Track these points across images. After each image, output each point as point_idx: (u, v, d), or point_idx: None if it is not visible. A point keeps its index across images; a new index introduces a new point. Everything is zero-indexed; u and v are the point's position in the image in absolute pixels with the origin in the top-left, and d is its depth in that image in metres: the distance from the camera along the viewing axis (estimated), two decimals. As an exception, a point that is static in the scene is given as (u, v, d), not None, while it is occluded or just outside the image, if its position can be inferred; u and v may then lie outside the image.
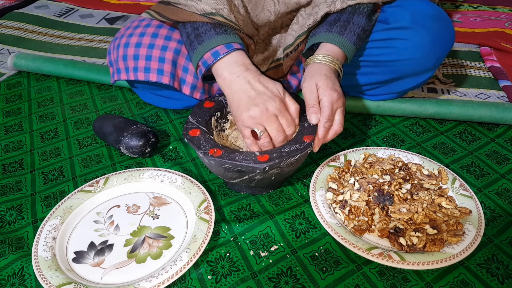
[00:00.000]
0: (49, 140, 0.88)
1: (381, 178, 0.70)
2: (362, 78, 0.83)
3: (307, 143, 0.63)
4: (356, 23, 0.71)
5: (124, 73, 0.79)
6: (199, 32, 0.67)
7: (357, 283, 0.57)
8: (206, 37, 0.66)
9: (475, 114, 0.84)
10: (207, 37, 0.66)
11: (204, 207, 0.66)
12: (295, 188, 0.73)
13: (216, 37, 0.66)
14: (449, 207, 0.65)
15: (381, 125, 0.88)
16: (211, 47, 0.66)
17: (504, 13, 1.35)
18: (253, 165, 0.59)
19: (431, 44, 0.74)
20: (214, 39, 0.66)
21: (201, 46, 0.67)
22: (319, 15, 0.72)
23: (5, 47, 1.27)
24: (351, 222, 0.64)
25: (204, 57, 0.67)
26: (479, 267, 0.59)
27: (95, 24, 1.42)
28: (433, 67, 0.77)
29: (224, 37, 0.66)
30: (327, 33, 0.70)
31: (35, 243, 0.62)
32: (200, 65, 0.68)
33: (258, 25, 0.78)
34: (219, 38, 0.66)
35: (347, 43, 0.69)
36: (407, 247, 0.60)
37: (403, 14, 0.74)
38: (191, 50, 0.68)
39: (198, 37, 0.67)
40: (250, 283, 0.58)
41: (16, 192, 0.75)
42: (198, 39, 0.67)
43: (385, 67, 0.78)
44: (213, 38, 0.66)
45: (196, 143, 0.64)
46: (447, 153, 0.80)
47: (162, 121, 0.91)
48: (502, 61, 1.08)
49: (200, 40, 0.67)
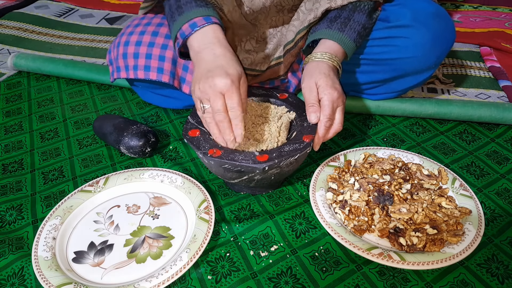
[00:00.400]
0: (49, 140, 0.88)
1: (381, 178, 0.70)
2: (363, 76, 0.83)
3: (307, 143, 0.63)
4: (356, 20, 0.70)
5: (124, 71, 0.79)
6: (180, 4, 0.68)
7: (357, 283, 0.57)
8: (186, 8, 0.67)
9: (475, 114, 0.84)
10: (187, 8, 0.67)
11: (204, 207, 0.66)
12: (295, 188, 0.73)
13: (196, 9, 0.67)
14: (449, 207, 0.65)
15: (381, 125, 0.88)
16: (190, 18, 0.66)
17: (504, 13, 1.35)
18: (253, 165, 0.59)
19: (432, 42, 0.74)
20: (194, 10, 0.66)
21: (181, 17, 0.67)
22: (319, 10, 0.72)
23: (5, 47, 1.27)
24: (351, 222, 0.64)
25: (182, 28, 0.67)
26: (479, 267, 0.59)
27: (95, 24, 1.42)
28: (433, 65, 0.77)
29: (204, 10, 0.67)
30: (327, 29, 0.70)
31: (35, 243, 0.62)
32: (178, 37, 0.68)
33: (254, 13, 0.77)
34: (198, 10, 0.67)
35: (347, 40, 0.69)
36: (407, 247, 0.60)
37: (404, 13, 0.74)
38: (171, 22, 0.69)
39: (179, 8, 0.68)
40: (250, 283, 0.58)
41: (16, 192, 0.75)
42: (178, 10, 0.68)
43: (386, 65, 0.78)
44: (192, 10, 0.67)
45: (196, 144, 0.64)
46: (447, 153, 0.80)
47: (162, 121, 0.91)
48: (502, 61, 1.08)
49: (181, 11, 0.68)
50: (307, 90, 0.66)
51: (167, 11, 0.72)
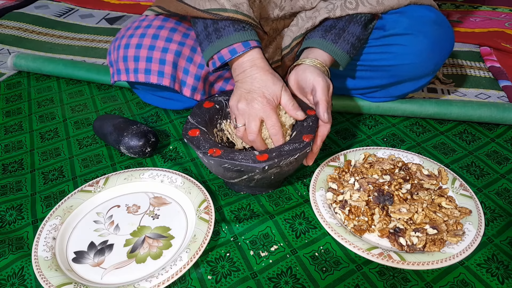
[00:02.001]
0: (49, 140, 0.88)
1: (381, 178, 0.70)
2: (361, 82, 0.84)
3: (307, 142, 0.63)
4: (351, 32, 0.71)
5: (124, 74, 0.79)
6: (218, 27, 0.67)
7: (357, 283, 0.57)
8: (225, 33, 0.67)
9: (475, 114, 0.84)
10: (226, 33, 0.67)
11: (204, 207, 0.66)
12: (295, 188, 0.73)
13: (235, 34, 0.66)
14: (449, 207, 0.65)
15: (381, 125, 0.88)
16: (229, 43, 0.66)
17: (504, 13, 1.35)
18: (253, 164, 0.59)
19: (430, 49, 0.74)
20: (233, 36, 0.66)
21: (219, 41, 0.67)
22: (318, 19, 0.73)
23: (5, 47, 1.27)
24: (351, 222, 0.64)
25: (221, 52, 0.67)
26: (479, 267, 0.59)
27: (95, 24, 1.42)
28: (431, 72, 0.78)
29: (242, 35, 0.66)
30: (321, 39, 0.71)
31: (35, 243, 0.62)
32: (215, 59, 0.68)
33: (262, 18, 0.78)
34: (237, 35, 0.66)
35: (340, 51, 0.70)
36: (407, 247, 0.60)
37: (401, 21, 0.74)
38: (206, 42, 0.69)
39: (216, 32, 0.67)
40: (250, 283, 0.58)
41: (16, 192, 0.75)
42: (216, 33, 0.67)
43: (384, 72, 0.79)
44: (231, 35, 0.66)
45: (196, 143, 0.64)
46: (447, 153, 0.80)
47: (162, 121, 0.91)
48: (502, 61, 1.08)
49: (219, 34, 0.67)
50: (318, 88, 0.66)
51: (199, 28, 0.70)
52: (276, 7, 0.76)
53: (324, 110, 0.65)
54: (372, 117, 0.91)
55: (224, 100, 0.74)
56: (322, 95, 0.65)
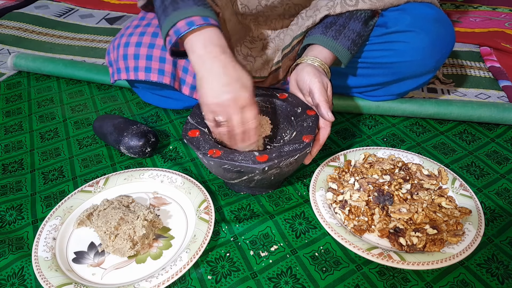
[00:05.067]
0: (49, 140, 0.88)
1: (381, 178, 0.70)
2: (362, 79, 0.83)
3: (306, 143, 0.63)
4: (351, 29, 0.71)
5: (124, 73, 0.79)
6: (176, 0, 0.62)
7: (357, 283, 0.57)
8: (183, 4, 0.61)
9: (475, 114, 0.84)
10: (184, 5, 0.61)
11: (204, 207, 0.66)
12: (295, 188, 0.73)
13: (194, 7, 0.60)
14: (449, 207, 0.65)
15: (381, 125, 0.88)
16: (187, 15, 0.60)
17: (504, 13, 1.35)
18: (252, 165, 0.59)
19: (431, 46, 0.74)
20: (192, 8, 0.60)
21: (176, 13, 0.60)
22: (318, 17, 0.73)
23: (5, 47, 1.27)
24: (351, 222, 0.64)
25: (177, 25, 0.60)
26: (479, 267, 0.59)
27: (95, 24, 1.42)
28: (433, 69, 0.78)
29: (202, 10, 0.61)
30: (322, 35, 0.71)
31: (35, 243, 0.62)
32: (171, 34, 0.61)
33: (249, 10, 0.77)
34: (197, 9, 0.60)
35: (341, 48, 0.70)
36: (407, 247, 0.60)
37: (403, 18, 0.74)
38: (163, 16, 0.63)
39: (174, 3, 0.61)
40: (250, 283, 0.58)
41: (16, 192, 0.75)
42: (173, 5, 0.61)
43: (385, 69, 0.79)
44: (190, 8, 0.60)
45: (196, 144, 0.64)
46: (447, 153, 0.80)
47: (162, 121, 0.91)
48: (502, 61, 1.08)
49: (176, 6, 0.61)
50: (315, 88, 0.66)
51: (158, 4, 0.65)
52: None
53: (327, 110, 0.65)
54: (372, 117, 0.91)
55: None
56: (320, 96, 0.65)
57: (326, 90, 0.67)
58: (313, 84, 0.66)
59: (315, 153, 0.68)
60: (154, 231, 0.64)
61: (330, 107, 0.66)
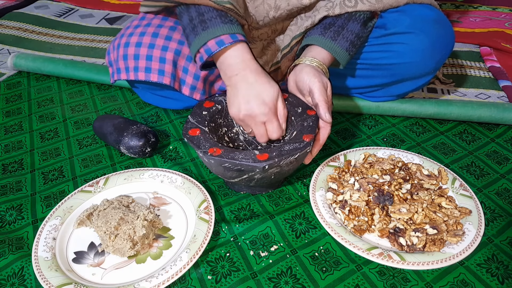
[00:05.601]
0: (49, 140, 0.88)
1: (381, 178, 0.70)
2: (361, 81, 0.84)
3: (307, 142, 0.63)
4: (350, 30, 0.71)
5: (124, 73, 0.79)
6: (204, 18, 0.65)
7: (357, 283, 0.57)
8: (212, 24, 0.64)
9: (475, 114, 0.84)
10: (212, 24, 0.64)
11: (204, 207, 0.66)
12: (295, 188, 0.73)
13: (222, 25, 0.64)
14: (449, 207, 0.65)
15: (381, 125, 0.88)
16: (216, 35, 0.64)
17: (504, 13, 1.35)
18: (253, 164, 0.59)
19: (431, 48, 0.74)
20: (220, 27, 0.64)
21: (205, 33, 0.64)
22: (317, 18, 0.73)
23: (5, 47, 1.27)
24: (351, 222, 0.64)
25: (208, 44, 0.64)
26: (479, 267, 0.59)
27: (95, 24, 1.42)
28: (433, 70, 0.78)
29: (230, 27, 0.64)
30: (320, 36, 0.71)
31: (35, 243, 0.62)
32: (202, 52, 0.66)
33: (256, 20, 0.77)
34: (225, 27, 0.64)
35: (339, 49, 0.70)
36: (407, 247, 0.60)
37: (402, 19, 0.74)
38: (192, 35, 0.66)
39: (202, 23, 0.65)
40: (250, 283, 0.58)
41: (16, 192, 0.75)
42: (202, 25, 0.65)
43: (385, 71, 0.79)
44: (218, 26, 0.64)
45: (196, 143, 0.64)
46: (447, 153, 0.80)
47: (162, 121, 0.91)
48: (502, 61, 1.08)
49: (205, 26, 0.65)
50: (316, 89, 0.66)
51: (184, 21, 0.69)
52: (271, 9, 0.75)
53: (326, 111, 0.65)
54: (372, 117, 0.91)
55: (225, 100, 0.74)
56: (320, 96, 0.65)
57: (326, 90, 0.67)
58: (313, 84, 0.66)
59: (315, 153, 0.68)
60: (154, 231, 0.64)
61: (329, 107, 0.66)
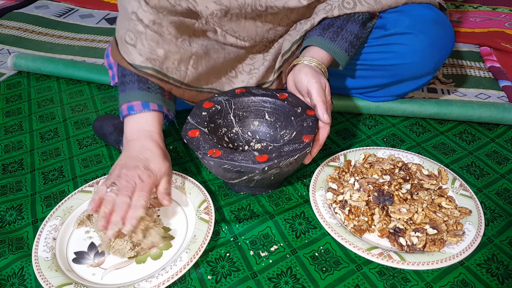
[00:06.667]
0: (49, 140, 0.88)
1: (381, 178, 0.70)
2: (361, 81, 0.84)
3: (306, 143, 0.63)
4: (349, 30, 0.71)
5: None
6: (124, 80, 0.67)
7: (357, 283, 0.57)
8: (128, 87, 0.66)
9: (475, 114, 0.84)
10: (129, 88, 0.66)
11: (204, 208, 0.66)
12: (295, 188, 0.73)
13: (137, 92, 0.66)
14: (449, 207, 0.65)
15: (381, 125, 0.88)
16: (129, 100, 0.66)
17: (504, 13, 1.35)
18: (252, 165, 0.59)
19: (431, 48, 0.74)
20: (134, 93, 0.66)
21: (123, 95, 0.67)
22: (316, 20, 0.73)
23: (5, 47, 1.27)
24: (351, 222, 0.64)
25: (122, 106, 0.67)
26: (479, 267, 0.59)
27: (95, 24, 1.42)
28: (432, 70, 0.78)
29: (143, 94, 0.66)
30: (319, 37, 0.71)
31: (35, 243, 0.62)
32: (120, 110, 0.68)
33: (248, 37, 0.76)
34: (138, 94, 0.66)
35: (338, 50, 0.70)
36: (407, 247, 0.60)
37: (402, 20, 0.74)
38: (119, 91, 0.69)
39: (122, 85, 0.68)
40: (250, 283, 0.58)
41: (16, 192, 0.75)
42: (122, 87, 0.68)
43: (385, 71, 0.79)
44: (133, 92, 0.66)
45: (195, 144, 0.64)
46: (447, 153, 0.80)
47: (162, 121, 0.91)
48: (502, 61, 1.08)
49: (123, 88, 0.67)
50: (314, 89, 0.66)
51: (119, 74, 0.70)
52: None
53: (324, 111, 0.65)
54: (372, 117, 0.91)
55: (224, 100, 0.74)
56: (318, 97, 0.65)
57: (324, 91, 0.67)
58: (310, 84, 0.66)
59: (315, 153, 0.68)
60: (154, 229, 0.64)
61: (327, 108, 0.66)
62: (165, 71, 0.67)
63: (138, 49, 0.65)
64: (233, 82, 0.79)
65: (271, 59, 0.80)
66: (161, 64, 0.66)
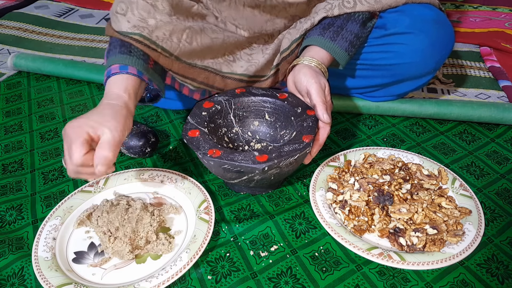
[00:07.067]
0: (49, 140, 0.88)
1: (381, 178, 0.70)
2: (361, 81, 0.84)
3: (306, 143, 0.63)
4: (349, 30, 0.71)
5: None
6: (109, 49, 0.67)
7: (357, 283, 0.57)
8: (111, 54, 0.65)
9: (475, 114, 0.84)
10: (111, 54, 0.65)
11: (204, 207, 0.66)
12: (295, 188, 0.73)
13: (118, 55, 0.64)
14: (449, 207, 0.65)
15: (381, 125, 0.88)
16: (109, 64, 0.64)
17: (504, 13, 1.35)
18: (252, 165, 0.59)
19: (431, 48, 0.74)
20: (114, 57, 0.64)
21: (107, 61, 0.65)
22: (316, 19, 0.73)
23: (5, 47, 1.27)
24: (351, 222, 0.64)
25: (105, 72, 0.64)
26: (479, 267, 0.59)
27: (95, 24, 1.42)
28: (432, 70, 0.78)
29: (123, 58, 0.63)
30: (319, 37, 0.71)
31: (35, 243, 0.62)
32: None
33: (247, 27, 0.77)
34: (118, 57, 0.64)
35: (338, 49, 0.70)
36: (407, 247, 0.60)
37: (402, 19, 0.74)
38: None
39: (107, 54, 0.67)
40: (250, 283, 0.58)
41: (16, 192, 0.75)
42: (107, 54, 0.67)
43: (385, 71, 0.79)
44: (114, 57, 0.64)
45: (195, 144, 0.64)
46: (447, 153, 0.80)
47: (162, 121, 0.91)
48: (502, 61, 1.08)
49: (107, 57, 0.66)
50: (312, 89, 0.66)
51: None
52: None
53: (323, 112, 0.65)
54: (372, 117, 0.91)
55: (224, 100, 0.74)
56: (317, 97, 0.65)
57: (323, 91, 0.67)
58: (310, 85, 0.66)
59: (315, 153, 0.68)
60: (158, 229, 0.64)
61: (327, 108, 0.66)
62: (155, 39, 0.65)
63: (128, 17, 0.64)
64: (232, 66, 0.77)
65: (271, 53, 0.80)
66: (150, 33, 0.64)
